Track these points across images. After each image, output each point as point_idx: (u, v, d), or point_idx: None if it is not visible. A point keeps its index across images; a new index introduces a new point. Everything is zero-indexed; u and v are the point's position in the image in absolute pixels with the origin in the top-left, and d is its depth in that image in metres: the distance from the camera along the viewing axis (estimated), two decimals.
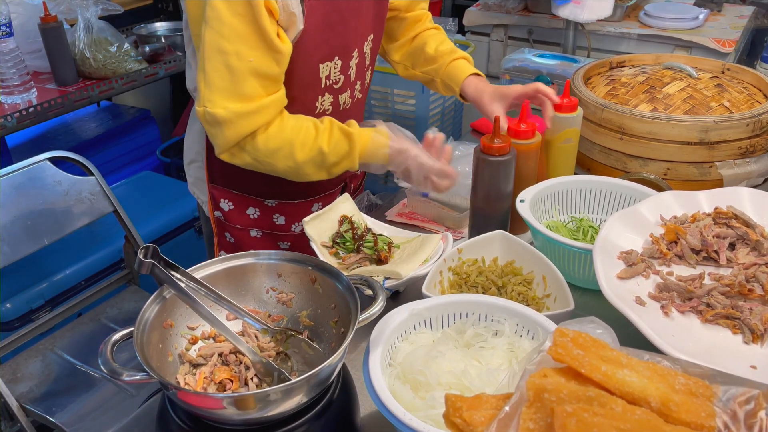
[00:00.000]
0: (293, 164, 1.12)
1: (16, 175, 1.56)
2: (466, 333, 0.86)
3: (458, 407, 0.52)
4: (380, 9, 1.27)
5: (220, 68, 1.03)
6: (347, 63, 1.21)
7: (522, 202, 1.12)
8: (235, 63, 1.03)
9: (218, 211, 1.35)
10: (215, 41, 1.02)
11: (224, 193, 1.32)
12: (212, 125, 1.07)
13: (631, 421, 0.45)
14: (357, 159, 1.14)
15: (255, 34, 1.02)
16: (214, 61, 1.03)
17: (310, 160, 1.12)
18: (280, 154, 1.11)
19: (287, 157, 1.11)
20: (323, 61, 1.16)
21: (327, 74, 1.19)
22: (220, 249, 1.41)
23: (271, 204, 1.33)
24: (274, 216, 1.35)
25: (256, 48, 1.03)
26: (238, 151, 1.11)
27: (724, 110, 1.32)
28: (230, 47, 1.02)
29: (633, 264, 0.93)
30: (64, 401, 1.49)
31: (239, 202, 1.33)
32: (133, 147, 2.79)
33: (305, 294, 0.91)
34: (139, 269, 0.76)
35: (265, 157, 1.11)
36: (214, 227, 1.38)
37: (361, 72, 1.27)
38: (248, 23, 1.01)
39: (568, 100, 1.24)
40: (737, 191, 1.04)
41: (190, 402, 0.74)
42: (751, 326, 0.83)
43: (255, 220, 1.35)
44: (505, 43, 2.42)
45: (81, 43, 2.18)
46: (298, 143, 1.10)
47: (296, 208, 1.35)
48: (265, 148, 1.10)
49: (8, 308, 1.83)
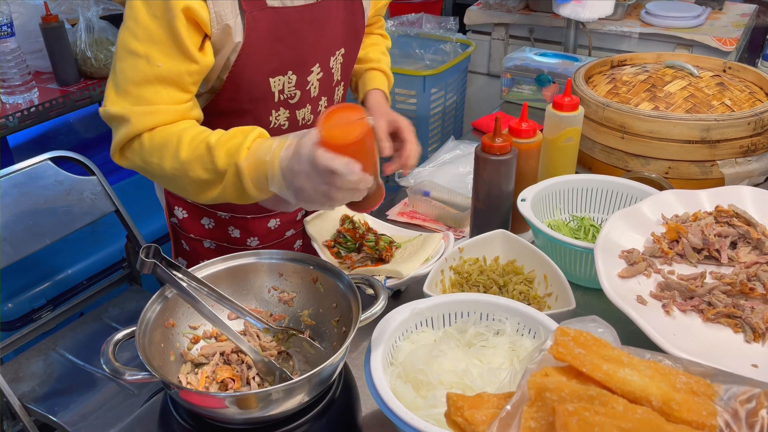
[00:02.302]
0: (179, 165, 0.97)
1: (18, 175, 1.56)
2: (467, 332, 0.86)
3: (460, 406, 0.52)
4: (354, 24, 1.20)
5: (127, 69, 0.98)
6: (304, 78, 1.14)
7: (523, 201, 1.12)
8: (143, 66, 0.97)
9: (174, 218, 1.32)
10: (128, 41, 0.97)
11: (178, 201, 1.28)
12: (110, 123, 1.01)
13: (633, 420, 0.46)
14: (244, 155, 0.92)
15: (169, 40, 0.97)
16: (124, 61, 0.98)
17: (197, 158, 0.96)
18: (165, 151, 0.98)
19: (172, 156, 0.97)
20: (274, 74, 1.10)
21: (280, 88, 1.12)
22: (177, 255, 1.37)
23: (224, 216, 1.28)
24: (229, 228, 1.29)
25: (168, 55, 0.97)
26: (128, 152, 1.03)
27: (726, 109, 1.32)
28: (141, 49, 0.97)
29: (634, 263, 0.93)
30: (67, 401, 1.49)
31: (193, 212, 1.28)
32: None
33: (307, 293, 0.91)
34: (140, 269, 0.77)
35: (150, 156, 1.00)
36: (170, 234, 1.35)
37: (327, 87, 1.20)
38: (164, 28, 0.96)
39: (569, 99, 1.23)
40: (739, 190, 1.04)
41: (192, 401, 0.74)
42: (752, 325, 0.83)
43: (209, 231, 1.30)
44: (506, 41, 2.42)
45: (82, 43, 2.18)
46: (185, 139, 0.97)
47: (249, 222, 1.28)
48: (150, 144, 1.00)
49: (10, 308, 1.83)
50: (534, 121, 1.20)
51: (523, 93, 1.90)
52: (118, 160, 1.04)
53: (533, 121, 1.19)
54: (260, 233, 1.29)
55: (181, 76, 0.99)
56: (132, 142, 1.01)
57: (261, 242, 1.31)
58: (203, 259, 1.14)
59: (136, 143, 1.00)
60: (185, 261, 1.35)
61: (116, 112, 0.98)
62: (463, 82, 2.32)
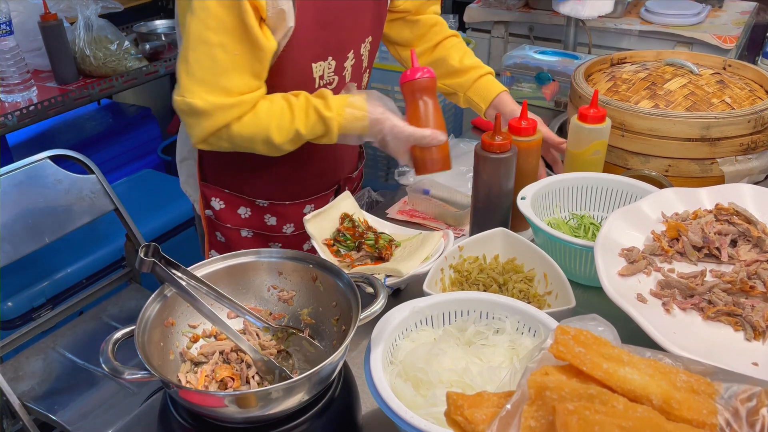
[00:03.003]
0: (272, 146, 1.10)
1: (17, 174, 1.56)
2: (467, 331, 0.86)
3: (460, 405, 0.52)
4: (379, 12, 1.25)
5: (203, 59, 1.02)
6: (342, 64, 1.19)
7: (523, 200, 1.12)
8: (219, 55, 1.01)
9: (209, 210, 1.34)
10: (200, 31, 1.00)
11: (215, 192, 1.31)
12: (189, 115, 1.05)
13: (633, 418, 0.45)
14: (335, 137, 1.10)
15: (240, 28, 1.01)
16: (198, 51, 1.01)
17: (288, 141, 1.10)
18: (257, 139, 1.09)
19: (265, 141, 1.09)
20: (316, 60, 1.15)
21: (321, 74, 1.17)
22: (211, 248, 1.39)
23: (262, 204, 1.32)
24: (266, 216, 1.33)
25: (241, 42, 1.01)
26: (215, 140, 1.09)
27: (726, 107, 1.31)
28: (215, 38, 1.00)
29: (634, 261, 0.93)
30: (66, 399, 1.49)
31: (230, 201, 1.32)
32: (134, 145, 2.79)
33: (306, 292, 0.91)
34: (140, 268, 0.76)
35: (242, 142, 1.09)
36: (204, 226, 1.37)
37: (357, 74, 1.26)
38: (234, 16, 0.99)
39: (595, 110, 1.19)
40: (739, 188, 1.04)
41: (191, 400, 0.74)
42: (752, 323, 0.83)
43: (246, 220, 1.33)
44: (505, 39, 2.42)
45: (81, 41, 2.18)
46: (274, 127, 1.08)
47: (287, 209, 1.33)
48: (240, 135, 1.07)
49: (10, 307, 1.83)
50: (534, 119, 1.19)
51: (523, 91, 1.90)
52: (203, 147, 1.11)
53: (533, 119, 1.19)
54: (296, 219, 1.33)
55: (253, 63, 1.04)
56: (219, 132, 1.07)
57: (296, 229, 1.35)
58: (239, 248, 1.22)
59: (224, 133, 1.07)
60: (218, 254, 1.37)
61: (199, 107, 1.03)
62: None
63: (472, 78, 1.36)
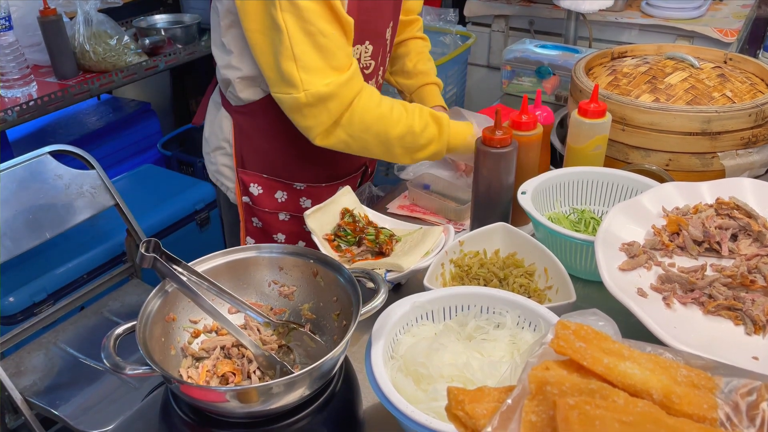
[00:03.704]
0: (385, 141, 1.16)
1: (18, 170, 1.56)
2: (467, 325, 0.86)
3: (460, 400, 0.52)
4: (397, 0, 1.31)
5: (309, 50, 1.08)
6: (377, 48, 1.26)
7: (523, 194, 1.12)
8: (322, 41, 1.08)
9: (246, 196, 1.39)
10: (299, 25, 1.06)
11: (254, 178, 1.36)
12: (315, 106, 1.12)
13: (633, 413, 0.45)
14: (446, 144, 1.18)
15: (327, 10, 1.07)
16: (303, 44, 1.08)
17: (400, 139, 1.16)
18: (373, 129, 1.14)
19: (380, 133, 1.15)
20: (355, 44, 1.20)
21: (358, 57, 1.23)
22: (247, 234, 1.45)
23: (299, 187, 1.37)
24: (301, 199, 1.39)
25: (332, 23, 1.08)
26: (334, 128, 1.15)
27: (727, 100, 1.31)
28: (314, 27, 1.07)
29: (635, 256, 0.93)
30: (68, 394, 1.50)
31: (268, 186, 1.37)
32: (134, 140, 2.78)
33: (307, 287, 0.91)
34: (140, 263, 0.76)
35: (360, 132, 1.15)
36: (241, 213, 1.42)
37: (383, 59, 1.32)
38: (320, 1, 1.06)
39: (595, 105, 1.18)
40: (739, 182, 1.04)
41: (193, 395, 0.74)
42: (753, 317, 0.83)
43: (282, 204, 1.39)
44: (506, 33, 2.41)
45: (81, 36, 2.17)
46: (392, 119, 1.15)
47: (322, 191, 1.38)
48: (361, 121, 1.14)
49: (11, 302, 1.83)
50: (534, 114, 1.19)
51: (524, 85, 1.89)
52: (322, 140, 1.17)
53: (534, 114, 1.19)
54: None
55: (344, 39, 1.12)
56: (340, 118, 1.14)
57: None
58: (277, 232, 1.40)
59: (345, 119, 1.14)
60: (253, 240, 1.45)
61: (324, 92, 1.10)
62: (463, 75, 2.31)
63: (418, 83, 1.47)
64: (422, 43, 1.51)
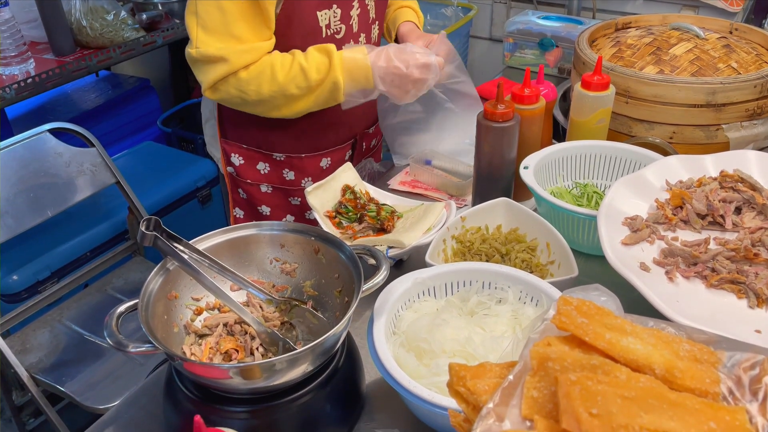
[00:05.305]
0: (277, 87, 1.14)
1: (17, 147, 1.56)
2: (469, 301, 0.86)
3: (462, 376, 0.52)
4: None
5: (212, 10, 1.08)
6: (347, 12, 1.23)
7: (526, 169, 1.11)
8: (227, 5, 1.08)
9: (230, 167, 1.40)
10: None
11: (235, 148, 1.37)
12: (203, 62, 1.12)
13: (636, 388, 0.45)
14: (339, 71, 1.14)
15: None
16: (207, 3, 1.08)
17: (292, 80, 1.14)
18: (262, 78, 1.13)
19: (270, 81, 1.13)
20: (321, 8, 1.18)
21: (327, 23, 1.21)
22: (235, 205, 1.46)
23: (279, 158, 1.37)
24: (284, 171, 1.38)
25: None
26: (222, 85, 1.14)
27: (732, 71, 1.29)
28: None
29: (638, 230, 0.93)
30: (74, 371, 1.51)
31: (249, 157, 1.38)
32: (134, 117, 2.76)
33: (309, 264, 0.91)
34: (141, 241, 0.76)
35: (247, 85, 1.14)
36: (227, 183, 1.44)
37: (365, 24, 1.29)
38: None
39: (599, 77, 1.16)
40: (744, 154, 1.03)
41: (196, 372, 0.75)
42: (756, 291, 0.83)
43: (265, 175, 1.39)
44: (508, 5, 2.38)
45: (77, 12, 2.14)
46: (277, 64, 1.13)
47: (304, 162, 1.38)
48: (247, 75, 1.13)
49: (15, 280, 1.84)
50: (537, 87, 1.18)
51: (526, 58, 1.87)
52: (210, 94, 1.18)
53: (536, 87, 1.17)
54: (313, 173, 1.39)
55: (261, 10, 1.10)
56: (228, 77, 1.13)
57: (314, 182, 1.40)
58: (261, 204, 1.40)
59: (232, 78, 1.14)
60: (242, 212, 1.46)
61: (214, 53, 1.11)
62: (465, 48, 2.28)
63: (393, 9, 1.45)
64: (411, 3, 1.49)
